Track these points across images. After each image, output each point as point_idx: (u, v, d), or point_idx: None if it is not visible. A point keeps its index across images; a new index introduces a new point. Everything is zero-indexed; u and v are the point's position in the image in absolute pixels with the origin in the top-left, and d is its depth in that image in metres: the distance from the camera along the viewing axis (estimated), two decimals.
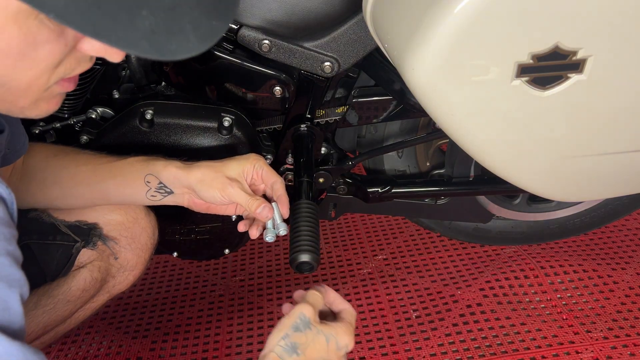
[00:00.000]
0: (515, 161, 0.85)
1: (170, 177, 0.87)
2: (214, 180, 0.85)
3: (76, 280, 0.92)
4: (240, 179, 0.87)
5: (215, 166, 0.87)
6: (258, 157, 0.89)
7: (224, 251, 1.21)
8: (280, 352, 0.72)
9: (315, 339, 0.74)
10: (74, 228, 0.94)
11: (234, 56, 0.99)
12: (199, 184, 0.86)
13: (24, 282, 0.51)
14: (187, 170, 0.86)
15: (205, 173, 0.86)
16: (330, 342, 0.75)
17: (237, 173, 0.86)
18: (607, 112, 0.78)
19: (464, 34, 0.67)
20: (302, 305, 0.76)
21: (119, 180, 0.88)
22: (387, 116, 1.13)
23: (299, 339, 0.73)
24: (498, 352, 1.17)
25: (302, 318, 0.74)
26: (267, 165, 0.89)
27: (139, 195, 0.90)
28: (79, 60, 0.53)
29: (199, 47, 0.48)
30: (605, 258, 1.41)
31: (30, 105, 0.54)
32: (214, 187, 0.85)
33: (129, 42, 0.44)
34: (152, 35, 0.45)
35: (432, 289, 1.37)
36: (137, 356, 1.27)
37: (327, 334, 0.75)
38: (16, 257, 0.51)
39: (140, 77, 1.07)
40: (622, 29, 0.69)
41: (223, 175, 0.85)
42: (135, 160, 0.89)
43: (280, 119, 1.12)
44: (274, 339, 0.73)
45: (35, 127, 1.05)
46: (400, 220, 1.62)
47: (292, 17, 0.94)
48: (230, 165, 0.87)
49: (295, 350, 0.72)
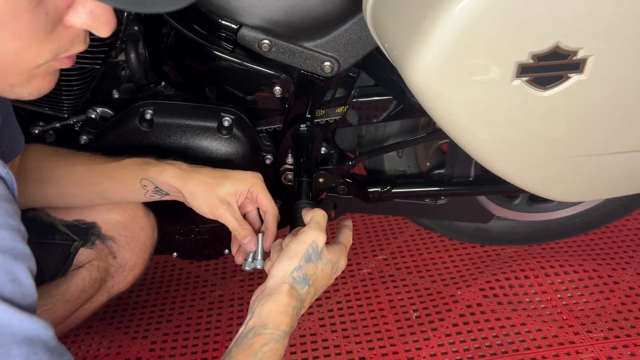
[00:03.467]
0: (516, 161, 0.85)
1: (165, 184, 0.87)
2: (206, 198, 0.85)
3: (75, 280, 0.92)
4: (232, 201, 0.85)
5: (209, 183, 0.85)
6: (256, 179, 0.88)
7: (224, 251, 1.21)
8: (293, 284, 0.72)
9: (324, 269, 0.75)
10: (72, 227, 0.94)
11: (234, 56, 0.99)
12: (190, 196, 0.86)
13: (30, 256, 0.50)
14: (181, 179, 0.86)
15: (198, 190, 0.85)
16: (334, 269, 0.77)
17: (230, 194, 0.85)
18: (607, 112, 0.78)
19: (464, 34, 0.67)
20: (314, 231, 0.75)
21: (115, 182, 0.89)
22: (387, 116, 1.13)
23: (310, 270, 0.73)
24: (498, 352, 1.17)
25: (314, 248, 0.74)
26: (263, 190, 0.87)
27: (137, 196, 0.90)
28: (72, 39, 0.53)
29: (179, 2, 0.48)
30: (605, 258, 1.41)
31: (22, 82, 0.53)
32: (205, 204, 0.85)
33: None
34: None
35: (432, 289, 1.37)
36: (137, 356, 1.26)
37: (333, 262, 0.76)
38: (21, 232, 0.51)
39: (140, 77, 1.07)
40: (622, 29, 0.69)
41: (215, 195, 0.84)
42: (129, 163, 0.89)
43: (280, 118, 1.12)
44: (286, 268, 0.73)
45: (34, 127, 1.05)
46: (400, 220, 1.62)
47: (292, 17, 0.94)
48: (224, 184, 0.85)
49: (307, 282, 0.73)
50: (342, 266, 0.79)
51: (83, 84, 0.99)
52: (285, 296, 0.71)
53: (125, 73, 1.12)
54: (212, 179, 0.86)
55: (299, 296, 0.73)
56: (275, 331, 0.68)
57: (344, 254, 0.79)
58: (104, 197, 0.91)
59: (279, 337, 0.68)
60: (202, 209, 0.85)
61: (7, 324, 0.45)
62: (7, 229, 0.49)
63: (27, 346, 0.46)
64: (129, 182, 0.88)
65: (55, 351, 0.48)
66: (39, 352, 0.46)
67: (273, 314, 0.70)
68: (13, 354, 0.45)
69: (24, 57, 0.50)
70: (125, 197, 0.91)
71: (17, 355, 0.45)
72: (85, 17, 0.50)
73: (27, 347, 0.46)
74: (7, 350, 0.44)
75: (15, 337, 0.45)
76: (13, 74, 0.52)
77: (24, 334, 0.46)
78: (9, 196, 0.52)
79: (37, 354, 0.46)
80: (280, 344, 0.68)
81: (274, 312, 0.70)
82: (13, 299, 0.47)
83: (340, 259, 0.78)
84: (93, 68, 0.99)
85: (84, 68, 0.97)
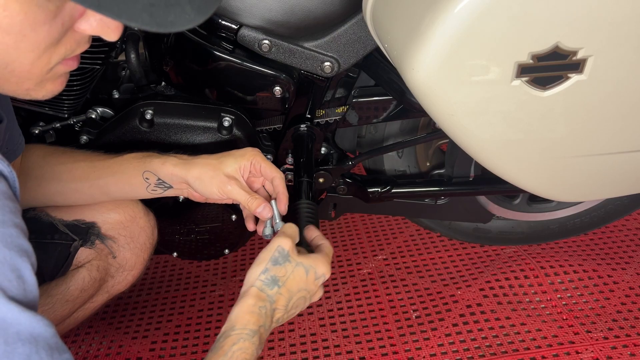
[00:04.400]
0: (515, 161, 0.85)
1: (168, 174, 0.88)
2: (212, 178, 0.85)
3: (75, 280, 0.92)
4: (238, 176, 0.87)
5: (212, 164, 0.87)
6: (255, 152, 0.89)
7: (224, 251, 1.21)
8: (261, 286, 0.74)
9: (294, 271, 0.76)
10: (72, 227, 0.94)
11: (234, 56, 0.99)
12: (196, 181, 0.86)
13: (32, 253, 0.52)
14: (184, 167, 0.87)
15: (203, 171, 0.86)
16: (310, 273, 0.77)
17: (234, 169, 0.87)
18: (607, 112, 0.78)
19: (464, 34, 0.67)
20: (280, 238, 0.77)
21: (118, 177, 0.89)
22: (387, 116, 1.13)
23: (278, 272, 0.75)
24: (498, 352, 1.17)
25: (280, 251, 0.75)
26: (265, 160, 0.89)
27: (140, 191, 0.90)
28: (78, 41, 0.54)
29: (195, 19, 0.49)
30: (605, 258, 1.41)
31: (35, 86, 0.55)
32: (213, 185, 0.85)
33: (130, 14, 0.45)
34: (151, 7, 0.46)
35: (432, 289, 1.37)
36: (137, 356, 1.27)
37: (307, 266, 0.77)
38: (23, 229, 0.52)
39: (140, 77, 1.07)
40: (622, 29, 0.69)
41: (221, 173, 0.86)
42: (132, 157, 0.89)
43: (280, 119, 1.12)
44: (254, 274, 0.75)
45: (35, 127, 1.05)
46: (400, 220, 1.62)
47: (292, 17, 0.94)
48: (227, 161, 0.87)
49: (276, 283, 0.74)
50: (321, 272, 0.78)
51: (83, 84, 0.99)
52: (251, 298, 0.73)
53: (126, 73, 1.12)
54: (214, 159, 0.87)
55: (268, 297, 0.74)
56: (242, 330, 0.70)
57: (323, 262, 0.78)
58: (105, 192, 0.91)
59: (247, 336, 0.70)
60: (211, 190, 0.86)
61: (12, 322, 0.46)
62: (12, 226, 0.50)
63: (30, 344, 0.47)
64: (131, 175, 0.88)
65: (56, 349, 0.49)
66: (42, 350, 0.48)
67: (240, 315, 0.72)
68: (17, 352, 0.46)
69: (38, 65, 0.52)
70: (127, 192, 0.91)
71: (21, 354, 0.46)
72: (96, 24, 0.52)
73: (31, 345, 0.47)
74: (12, 349, 0.46)
75: (19, 336, 0.46)
76: (28, 80, 0.54)
77: (28, 333, 0.47)
78: (11, 194, 0.53)
79: (39, 352, 0.47)
80: (250, 342, 0.70)
81: (241, 313, 0.72)
82: (17, 297, 0.48)
83: (318, 265, 0.78)
84: (93, 68, 0.99)
85: (85, 68, 0.97)
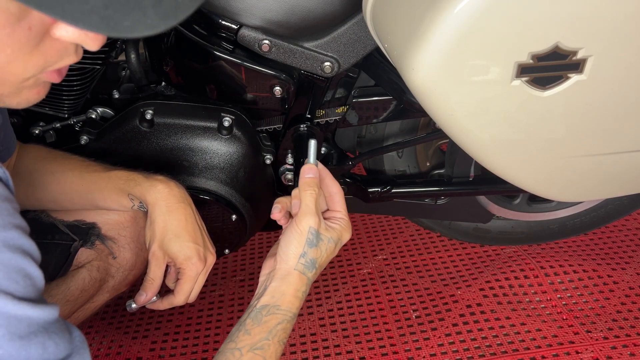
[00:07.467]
0: (515, 161, 0.85)
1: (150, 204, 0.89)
2: (152, 236, 0.88)
3: (75, 280, 0.92)
4: (166, 260, 0.89)
5: (165, 231, 0.87)
6: (197, 263, 0.91)
7: (224, 251, 1.21)
8: (302, 270, 0.77)
9: (327, 248, 0.79)
10: (72, 227, 0.94)
11: (234, 56, 0.99)
12: (148, 220, 0.89)
13: (34, 249, 0.53)
14: (156, 208, 0.88)
15: (156, 226, 0.88)
16: (338, 245, 0.80)
17: (171, 254, 0.88)
18: (607, 112, 0.78)
19: (464, 34, 0.67)
20: (308, 217, 0.77)
21: (105, 193, 0.90)
22: (387, 116, 1.13)
23: (315, 254, 0.77)
24: (498, 352, 1.17)
25: (313, 233, 0.77)
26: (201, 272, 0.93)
27: (126, 208, 0.93)
28: (59, 51, 0.51)
29: (158, 25, 0.43)
30: (605, 258, 1.41)
31: (10, 93, 0.53)
32: (148, 237, 0.89)
33: (76, 16, 0.41)
34: (105, 9, 0.41)
35: (432, 289, 1.37)
36: (137, 356, 1.27)
37: (335, 239, 0.80)
38: (24, 228, 0.52)
39: (140, 77, 1.07)
40: (622, 29, 0.69)
41: (160, 245, 0.87)
42: (117, 177, 0.90)
43: (280, 119, 1.12)
44: (293, 256, 0.77)
45: (35, 128, 1.05)
46: (400, 220, 1.62)
47: (292, 17, 0.94)
48: (173, 246, 0.88)
49: (314, 265, 0.78)
50: (345, 239, 0.81)
51: (83, 84, 0.99)
52: (297, 281, 0.77)
53: (126, 73, 1.12)
54: (170, 231, 0.88)
55: (308, 280, 0.78)
56: (287, 312, 0.75)
57: (346, 229, 0.81)
58: (94, 204, 0.93)
59: (291, 319, 0.75)
60: (146, 237, 0.89)
61: (23, 318, 0.49)
62: (13, 228, 0.51)
63: (42, 334, 0.51)
64: (117, 194, 0.90)
65: (66, 329, 0.54)
66: (54, 335, 0.52)
67: (287, 297, 0.76)
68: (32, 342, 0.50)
69: (10, 70, 0.50)
70: (114, 208, 0.93)
71: (35, 343, 0.50)
72: (72, 30, 0.49)
73: (43, 334, 0.51)
74: (27, 341, 0.49)
75: (31, 328, 0.50)
76: (2, 85, 0.51)
77: (38, 324, 0.51)
78: (8, 195, 0.53)
79: (52, 338, 0.52)
80: (290, 324, 0.76)
81: (287, 295, 0.76)
82: (27, 295, 0.50)
83: (343, 235, 0.80)
84: (93, 68, 0.99)
85: (84, 68, 0.97)
